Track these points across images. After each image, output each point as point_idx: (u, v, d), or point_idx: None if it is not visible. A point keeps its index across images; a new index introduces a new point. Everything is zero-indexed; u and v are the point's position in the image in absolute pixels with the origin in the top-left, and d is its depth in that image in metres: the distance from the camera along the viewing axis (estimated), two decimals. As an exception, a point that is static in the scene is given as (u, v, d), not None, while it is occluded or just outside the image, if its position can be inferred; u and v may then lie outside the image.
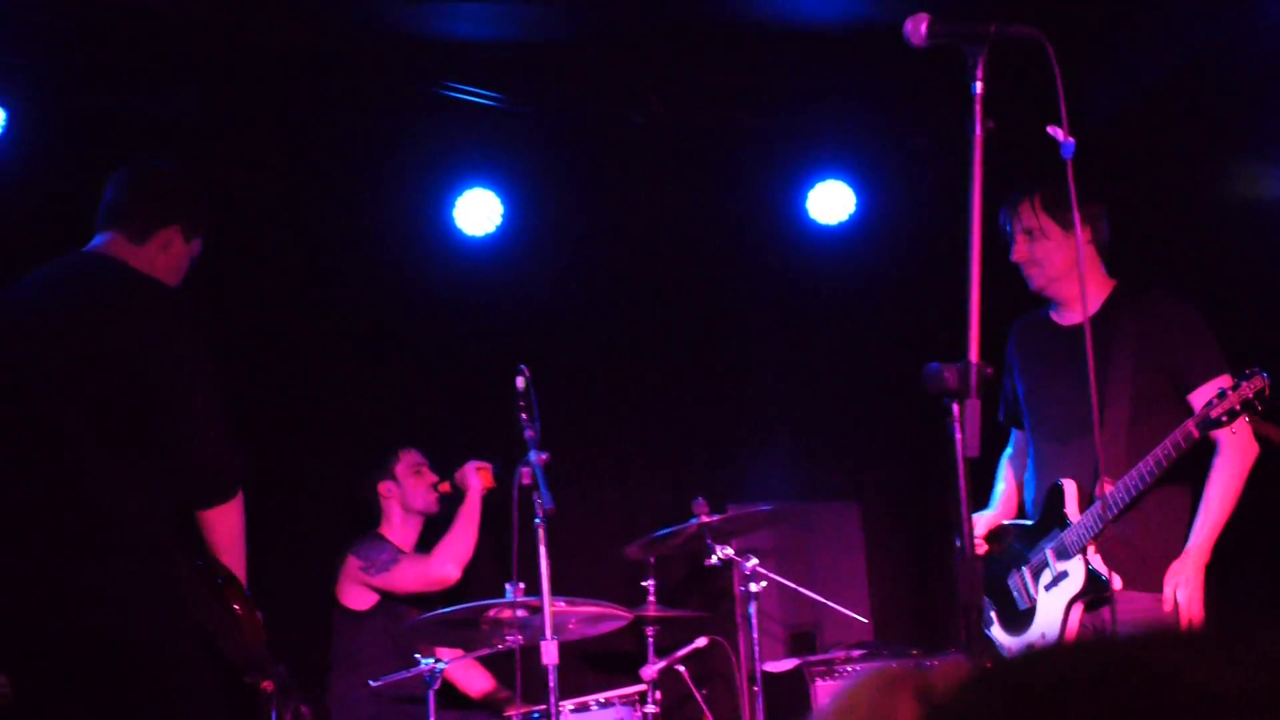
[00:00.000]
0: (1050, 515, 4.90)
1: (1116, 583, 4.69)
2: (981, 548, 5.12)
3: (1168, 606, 4.66)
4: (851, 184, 7.65)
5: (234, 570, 4.31)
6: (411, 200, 7.37)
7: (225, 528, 4.29)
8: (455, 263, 7.44)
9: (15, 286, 4.43)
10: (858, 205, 7.66)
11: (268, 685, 4.48)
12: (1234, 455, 4.76)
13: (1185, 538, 4.74)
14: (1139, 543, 4.76)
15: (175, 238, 4.52)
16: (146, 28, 6.31)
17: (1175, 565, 4.70)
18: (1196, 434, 4.50)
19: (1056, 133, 3.35)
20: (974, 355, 2.95)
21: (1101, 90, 6.77)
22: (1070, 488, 4.84)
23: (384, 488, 6.68)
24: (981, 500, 5.27)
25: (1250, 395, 4.42)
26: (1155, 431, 4.61)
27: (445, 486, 6.66)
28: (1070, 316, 5.04)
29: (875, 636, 6.80)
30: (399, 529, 6.66)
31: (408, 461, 6.67)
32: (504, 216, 7.40)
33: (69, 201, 5.80)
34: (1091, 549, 4.72)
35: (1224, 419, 4.45)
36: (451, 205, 7.37)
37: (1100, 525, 4.70)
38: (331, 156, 7.26)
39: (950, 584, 5.35)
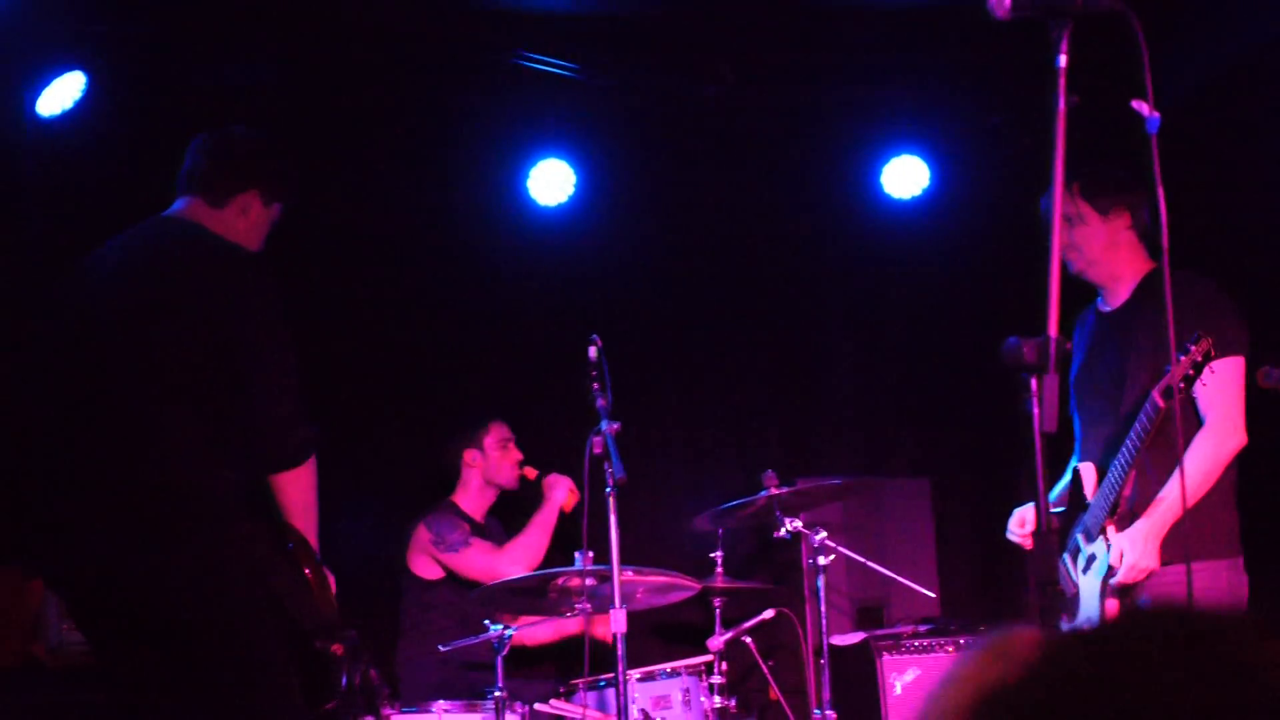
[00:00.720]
0: (1075, 500, 4.93)
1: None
2: (1026, 541, 5.10)
3: (1114, 560, 4.65)
4: (926, 159, 7.62)
5: (305, 535, 4.34)
6: (486, 170, 7.39)
7: (297, 492, 4.31)
8: (528, 233, 7.46)
9: (96, 251, 4.48)
10: (931, 180, 7.62)
11: (338, 649, 4.51)
12: (1211, 437, 4.70)
13: (1212, 509, 4.71)
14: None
15: (254, 202, 4.55)
16: (225, -4, 6.36)
17: (1130, 530, 4.67)
18: (1161, 403, 4.49)
19: (1141, 107, 3.31)
20: (1053, 330, 2.94)
21: (1185, 66, 6.69)
22: (1088, 471, 4.87)
23: (469, 455, 6.70)
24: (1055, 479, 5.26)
25: (1199, 358, 4.38)
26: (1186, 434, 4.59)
27: (531, 473, 6.67)
28: (1111, 302, 5.05)
29: (943, 612, 6.78)
30: (474, 498, 6.69)
31: (497, 434, 6.69)
32: (577, 187, 7.42)
33: (143, 166, 5.88)
34: (1111, 529, 4.73)
35: (1181, 386, 4.42)
36: (525, 175, 7.39)
37: (1108, 504, 4.71)
38: (407, 126, 7.29)
39: (1019, 560, 5.32)
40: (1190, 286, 4.68)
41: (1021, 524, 5.11)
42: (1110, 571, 4.75)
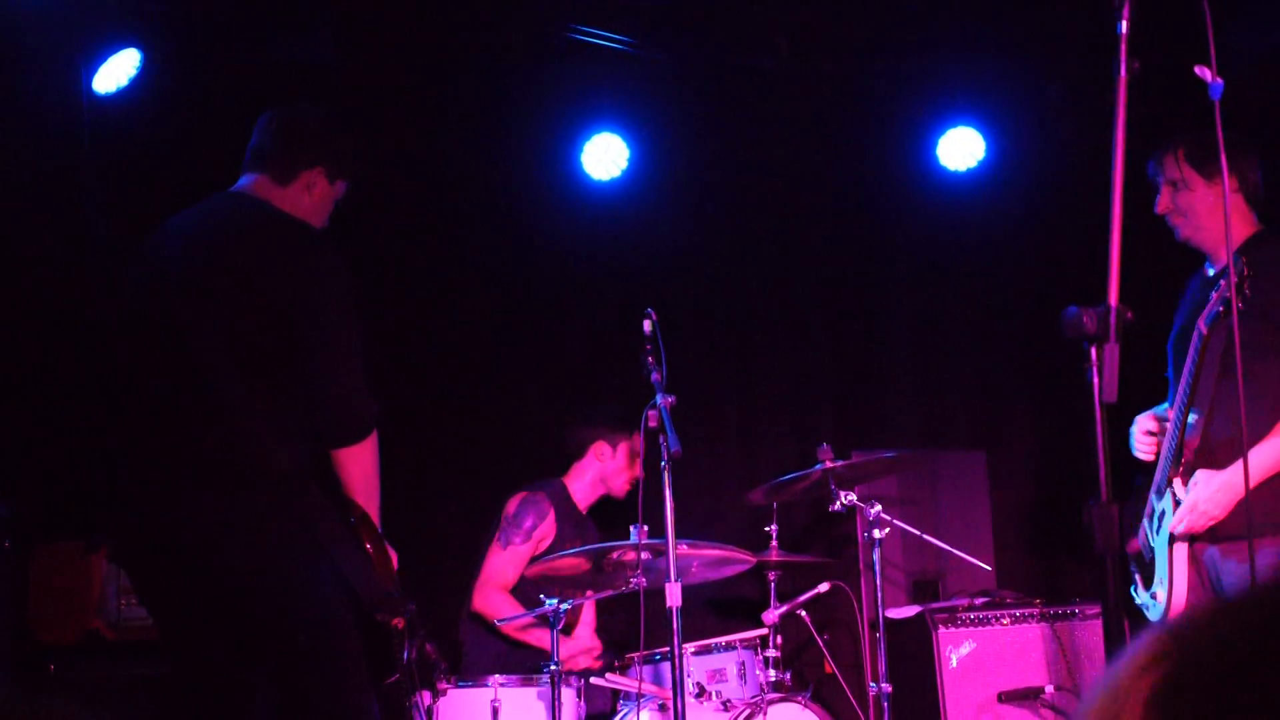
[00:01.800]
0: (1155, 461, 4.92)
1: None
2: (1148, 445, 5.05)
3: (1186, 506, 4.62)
4: (982, 130, 7.58)
5: (367, 509, 4.37)
6: (540, 145, 7.39)
7: (358, 467, 4.34)
8: (582, 207, 7.46)
9: (164, 227, 4.52)
10: (987, 152, 7.58)
11: (399, 623, 4.54)
12: None
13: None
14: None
15: (319, 179, 4.57)
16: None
17: (1206, 474, 4.62)
18: (1205, 329, 4.48)
19: (1204, 73, 3.29)
20: (1113, 299, 2.92)
21: (1248, 33, 6.62)
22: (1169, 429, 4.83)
23: (600, 446, 6.63)
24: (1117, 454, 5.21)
25: (1237, 278, 4.32)
26: (1251, 374, 4.51)
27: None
28: (1215, 266, 5.00)
29: (998, 585, 6.76)
30: (586, 489, 6.67)
31: (635, 444, 6.63)
32: (631, 161, 7.41)
33: (199, 143, 5.92)
34: (1178, 481, 4.72)
35: (1221, 309, 4.38)
36: (579, 149, 7.38)
37: (1172, 454, 4.69)
38: (461, 102, 7.29)
39: (1076, 532, 5.29)
40: (1272, 249, 4.64)
41: (1145, 432, 5.06)
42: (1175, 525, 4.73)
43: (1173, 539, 4.75)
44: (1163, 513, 4.80)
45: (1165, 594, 4.80)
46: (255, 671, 4.31)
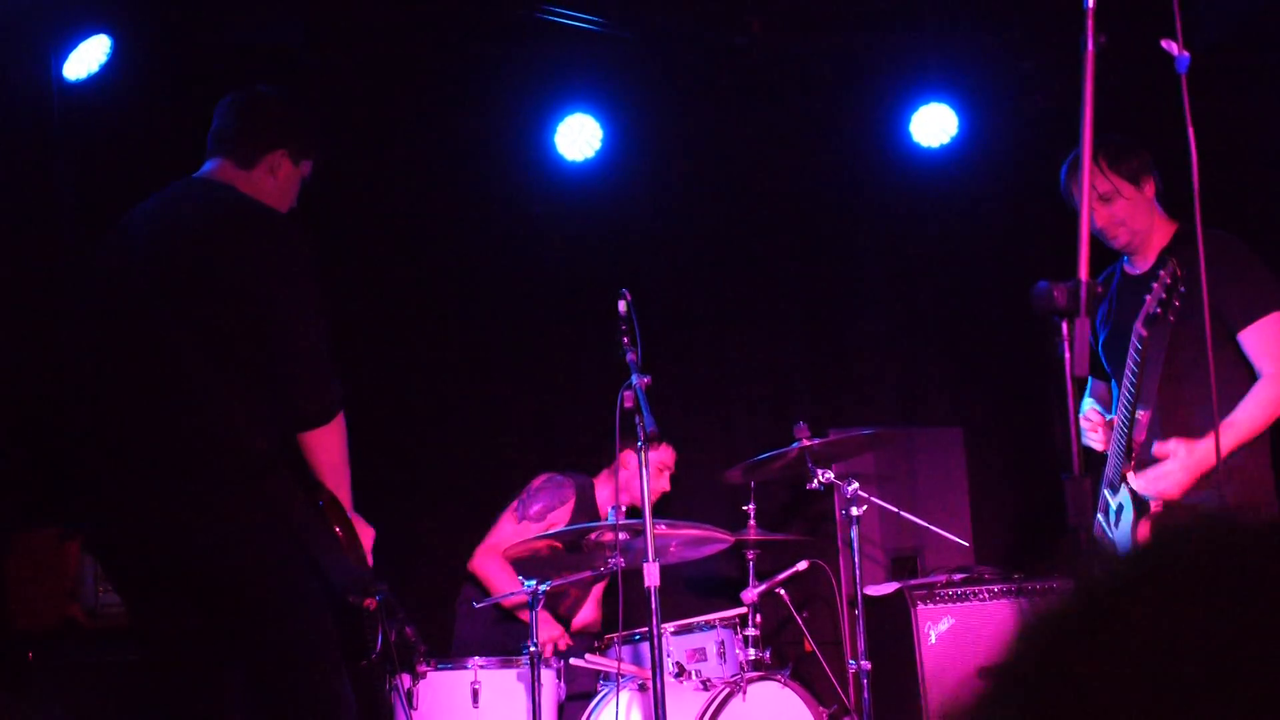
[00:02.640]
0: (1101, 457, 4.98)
1: (1157, 501, 4.73)
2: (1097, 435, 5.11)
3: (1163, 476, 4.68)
4: (955, 107, 7.58)
5: (336, 492, 4.36)
6: (512, 125, 7.38)
7: (326, 450, 4.33)
8: (556, 188, 7.45)
9: (129, 215, 4.50)
10: (960, 128, 7.59)
11: (370, 604, 4.54)
12: (1271, 387, 4.71)
13: (1252, 460, 4.73)
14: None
15: (283, 161, 4.56)
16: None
17: (1179, 445, 4.66)
18: (1144, 331, 4.51)
19: (1171, 46, 3.29)
20: (1083, 273, 2.92)
21: (1214, 7, 6.63)
22: (1117, 425, 4.86)
23: (625, 456, 6.46)
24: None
25: (1169, 280, 4.37)
26: (1200, 366, 4.57)
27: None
28: (1139, 265, 5.06)
29: (977, 561, 6.78)
30: (608, 492, 6.67)
31: (664, 457, 6.63)
32: (604, 141, 7.40)
33: (171, 128, 5.89)
34: (1130, 475, 4.77)
35: (1158, 311, 4.43)
36: (553, 130, 7.37)
37: (1122, 450, 4.75)
38: (433, 83, 7.27)
39: (1053, 508, 5.32)
40: (1221, 247, 4.66)
41: (1092, 427, 5.10)
42: (1135, 514, 4.78)
43: (1135, 526, 4.80)
44: (1120, 507, 4.85)
45: None
46: (228, 656, 4.31)
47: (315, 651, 4.27)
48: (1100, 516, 4.99)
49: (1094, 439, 5.09)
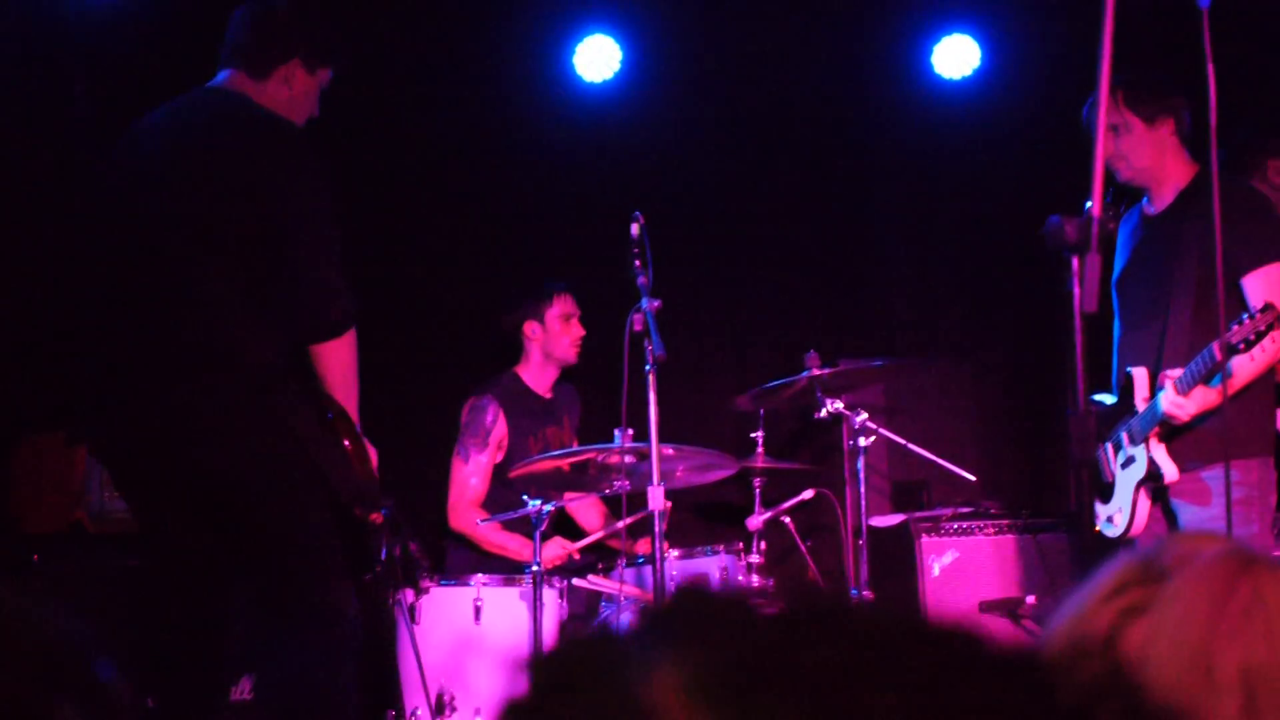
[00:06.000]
0: (1124, 400, 5.04)
1: (1172, 474, 4.87)
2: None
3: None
4: (977, 38, 7.51)
5: (345, 406, 4.37)
6: (531, 45, 7.33)
7: (336, 363, 4.34)
8: (574, 109, 7.41)
9: (140, 122, 4.49)
10: (983, 60, 7.52)
11: (376, 518, 4.56)
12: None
13: (1252, 408, 4.84)
14: (1201, 425, 4.85)
15: (296, 71, 4.53)
16: None
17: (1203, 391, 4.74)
18: (1220, 356, 4.54)
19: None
20: (1096, 208, 2.90)
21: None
22: (1140, 375, 4.97)
23: (529, 327, 6.61)
24: (1097, 365, 5.31)
25: (1263, 327, 4.41)
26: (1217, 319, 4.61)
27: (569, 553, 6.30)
28: (1157, 205, 5.11)
29: (983, 495, 6.78)
30: (535, 372, 6.65)
31: (559, 308, 6.59)
32: (623, 63, 7.35)
33: (188, 38, 5.84)
34: (1154, 439, 4.88)
35: (1241, 346, 4.45)
36: (571, 52, 7.32)
37: (1156, 420, 4.85)
38: (449, 1, 7.23)
39: (1061, 443, 5.34)
40: (1232, 192, 4.67)
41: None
42: (1145, 475, 4.91)
43: (1139, 485, 4.93)
44: (1132, 458, 4.96)
45: (1125, 520, 4.99)
46: (232, 563, 4.33)
47: (318, 559, 4.30)
48: (1108, 447, 5.03)
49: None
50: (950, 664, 0.86)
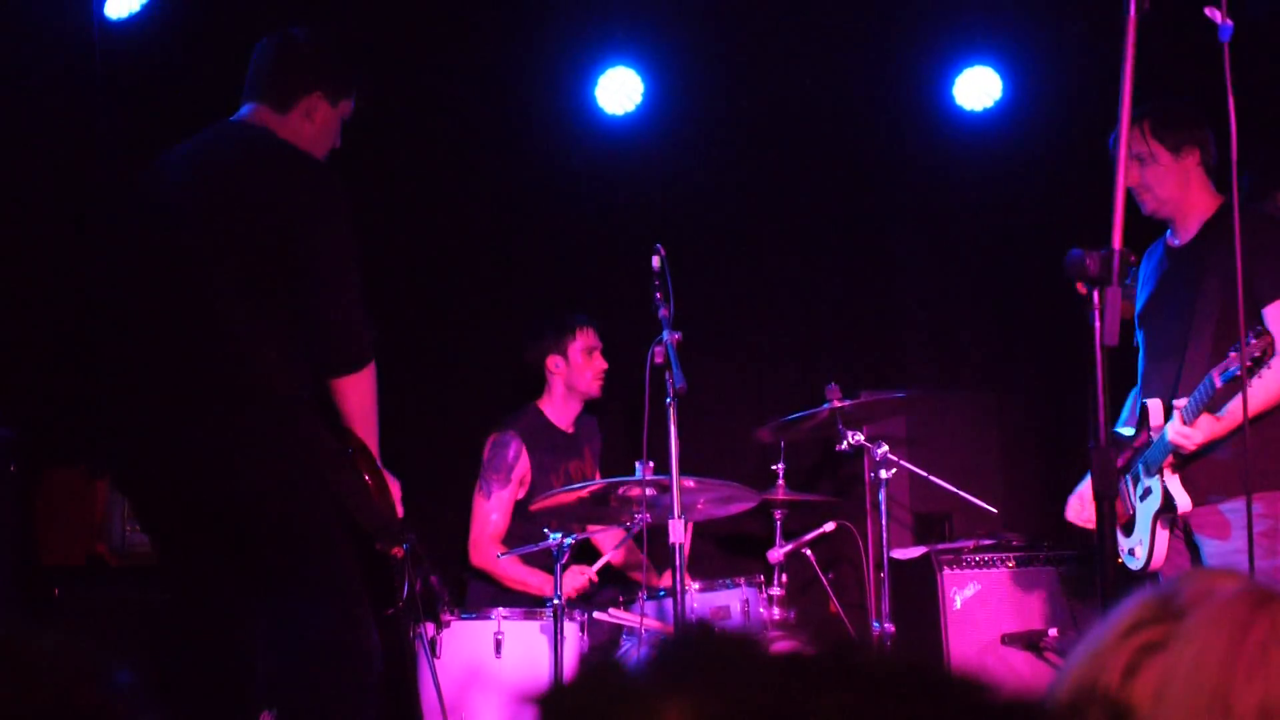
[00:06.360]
0: (1141, 431, 5.03)
1: (1186, 505, 4.85)
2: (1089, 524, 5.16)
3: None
4: (999, 69, 7.50)
5: (365, 440, 4.37)
6: (553, 77, 7.35)
7: (356, 397, 4.34)
8: (595, 141, 7.42)
9: (165, 156, 4.51)
10: (1005, 92, 7.51)
11: (398, 552, 4.55)
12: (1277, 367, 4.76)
13: (1273, 440, 4.77)
14: (1220, 457, 4.83)
15: (319, 104, 4.55)
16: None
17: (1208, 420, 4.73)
18: (1219, 384, 4.51)
19: (1214, 14, 3.25)
20: (1117, 242, 2.90)
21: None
22: (1155, 407, 4.95)
23: (552, 361, 6.61)
24: (1118, 398, 5.31)
25: (1258, 353, 4.39)
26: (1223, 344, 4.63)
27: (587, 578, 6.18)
28: (1181, 237, 5.09)
29: (1005, 527, 6.75)
30: (559, 406, 6.64)
31: (583, 342, 6.58)
32: (645, 95, 7.36)
33: (211, 69, 5.88)
34: (1168, 469, 4.86)
35: (1240, 373, 4.43)
36: (593, 84, 7.33)
37: (1169, 450, 4.83)
38: (472, 31, 7.24)
39: (1082, 475, 5.33)
40: (1255, 224, 4.67)
41: (1083, 505, 5.19)
42: (1161, 506, 4.89)
43: (1156, 517, 4.92)
44: (1149, 490, 4.95)
45: (1145, 553, 4.98)
46: (253, 596, 4.33)
47: (340, 594, 4.30)
48: (1128, 480, 5.03)
49: (1081, 519, 5.21)
50: (958, 713, 0.86)
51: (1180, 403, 4.77)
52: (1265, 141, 5.16)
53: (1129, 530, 5.05)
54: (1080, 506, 5.26)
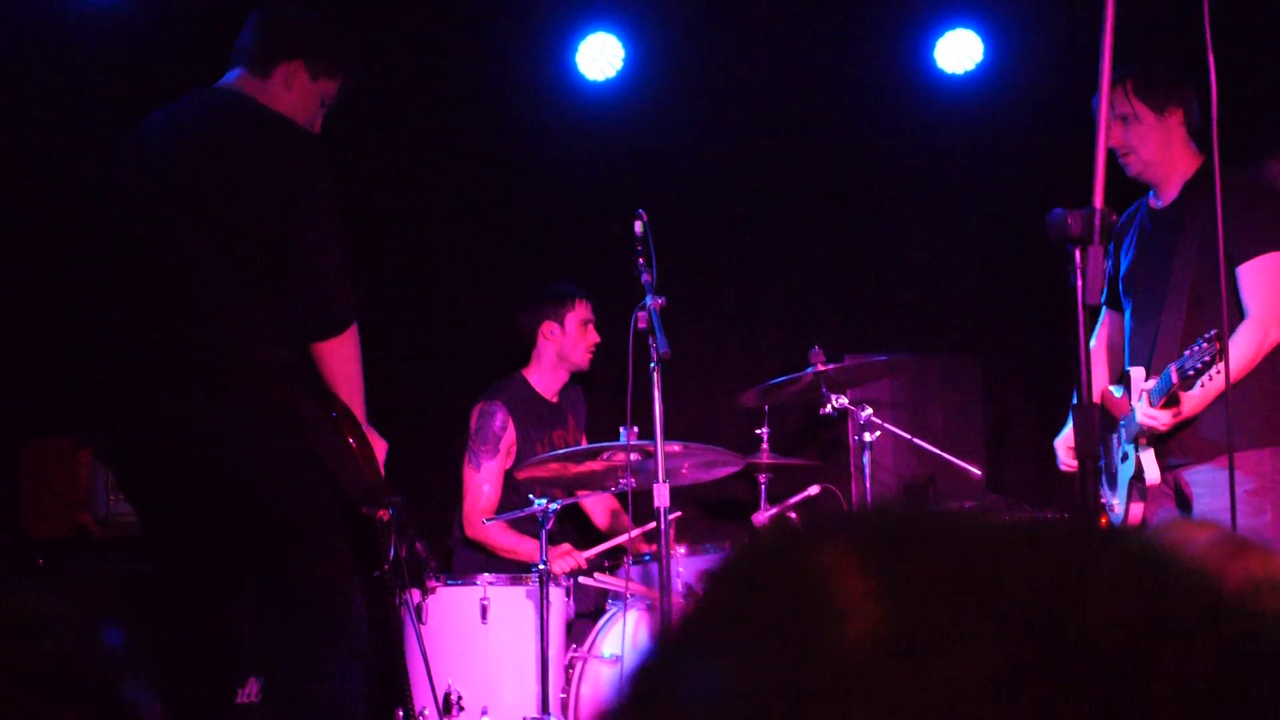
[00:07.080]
0: (1126, 395, 5.02)
1: (1154, 478, 4.88)
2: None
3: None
4: (980, 32, 7.49)
5: (349, 403, 4.37)
6: (533, 43, 7.33)
7: (339, 361, 4.34)
8: (577, 108, 7.40)
9: (144, 121, 4.50)
10: (986, 54, 7.50)
11: (383, 515, 4.56)
12: (1253, 330, 4.80)
13: (1255, 399, 4.79)
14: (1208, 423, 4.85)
15: (299, 73, 4.54)
16: None
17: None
18: (1176, 379, 4.55)
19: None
20: (1098, 201, 2.91)
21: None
22: (1137, 374, 4.94)
23: (547, 327, 6.61)
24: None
25: (1208, 358, 4.41)
26: (1215, 313, 4.59)
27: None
28: (1163, 199, 5.09)
29: (988, 490, 6.77)
30: (546, 374, 6.64)
31: (580, 313, 6.59)
32: (626, 61, 7.34)
33: (200, 41, 5.86)
34: (1142, 441, 4.88)
35: (1191, 373, 4.46)
36: (574, 50, 7.31)
37: (1138, 429, 4.86)
38: (452, 2, 7.23)
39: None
40: (1235, 182, 4.65)
41: (1070, 452, 5.19)
42: (1134, 475, 4.92)
43: (1131, 484, 4.95)
44: (1126, 454, 4.97)
45: (1123, 510, 4.99)
46: (240, 565, 4.33)
47: (327, 560, 4.31)
48: (1112, 439, 5.04)
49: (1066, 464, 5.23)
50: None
51: (1148, 385, 4.78)
52: (1246, 103, 5.15)
53: (1112, 485, 5.07)
54: (1064, 454, 5.27)
